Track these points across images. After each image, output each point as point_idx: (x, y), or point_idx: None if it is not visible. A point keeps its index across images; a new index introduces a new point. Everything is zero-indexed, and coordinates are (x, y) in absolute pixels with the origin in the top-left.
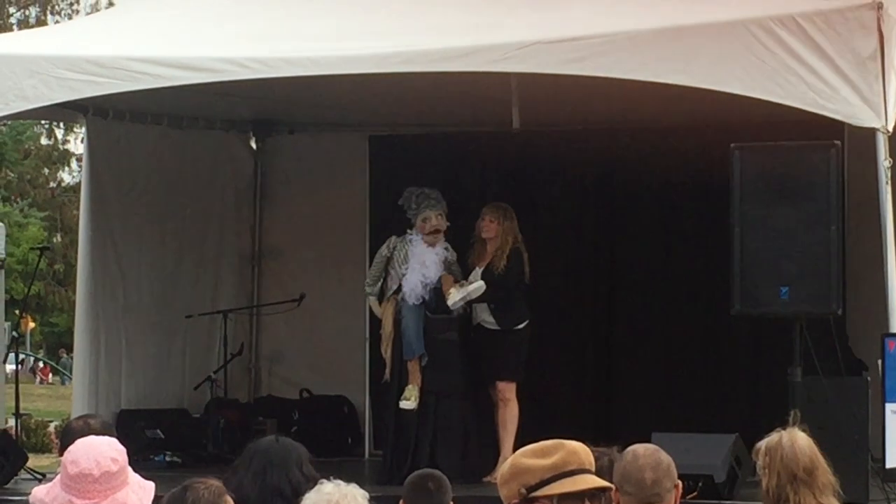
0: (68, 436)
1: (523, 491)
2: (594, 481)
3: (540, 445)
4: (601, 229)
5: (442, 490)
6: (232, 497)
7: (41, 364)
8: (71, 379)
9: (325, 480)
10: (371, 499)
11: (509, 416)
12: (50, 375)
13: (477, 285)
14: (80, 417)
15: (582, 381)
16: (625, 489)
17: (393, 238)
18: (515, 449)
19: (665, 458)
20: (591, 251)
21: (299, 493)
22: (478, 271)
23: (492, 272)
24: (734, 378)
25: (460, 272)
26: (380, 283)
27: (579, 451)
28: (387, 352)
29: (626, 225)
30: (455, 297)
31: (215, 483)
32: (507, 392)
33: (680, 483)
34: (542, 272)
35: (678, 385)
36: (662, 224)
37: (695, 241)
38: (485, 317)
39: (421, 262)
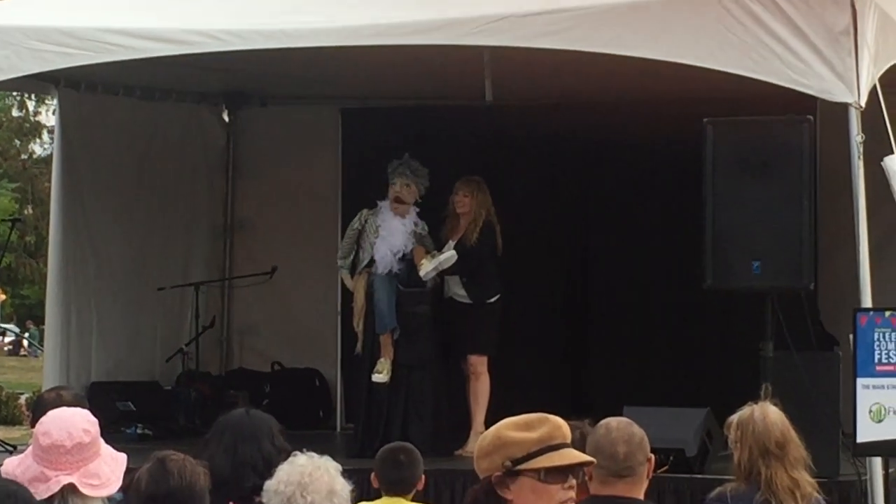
0: (40, 407)
1: (508, 464)
2: (579, 456)
3: (524, 419)
4: (574, 203)
5: (413, 462)
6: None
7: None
8: (41, 350)
9: (297, 453)
10: (343, 472)
11: (481, 390)
12: (26, 343)
13: (449, 255)
14: (52, 389)
15: (554, 356)
16: (597, 462)
17: (364, 211)
18: (487, 423)
19: (638, 431)
20: (564, 225)
21: (272, 465)
22: (451, 244)
23: (464, 245)
24: (706, 352)
25: (432, 244)
26: (352, 257)
27: (562, 425)
28: (359, 325)
29: (598, 199)
30: (427, 267)
31: (182, 455)
32: (479, 366)
33: (653, 457)
34: (514, 246)
35: (650, 359)
36: (635, 198)
37: (667, 216)
38: (456, 290)
39: (388, 231)
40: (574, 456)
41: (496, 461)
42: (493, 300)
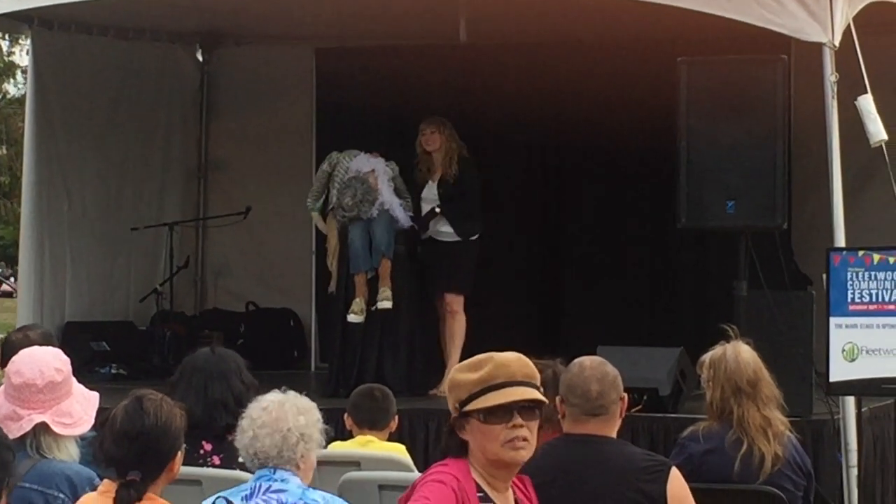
0: (8, 348)
1: (457, 406)
2: (521, 393)
3: (473, 360)
4: (548, 143)
5: (387, 399)
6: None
7: None
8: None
9: (276, 391)
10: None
11: (457, 329)
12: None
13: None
14: (19, 329)
15: (528, 295)
16: (570, 400)
17: (334, 154)
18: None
19: (611, 370)
20: (539, 165)
21: (242, 401)
22: (432, 185)
23: (447, 184)
24: (680, 292)
25: (404, 186)
26: (322, 199)
27: (510, 363)
28: (332, 264)
29: (572, 138)
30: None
31: (160, 394)
32: (455, 304)
33: (626, 396)
34: (488, 186)
35: (624, 299)
36: (609, 138)
37: (642, 155)
38: (439, 228)
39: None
40: (515, 394)
41: (452, 403)
42: (474, 238)
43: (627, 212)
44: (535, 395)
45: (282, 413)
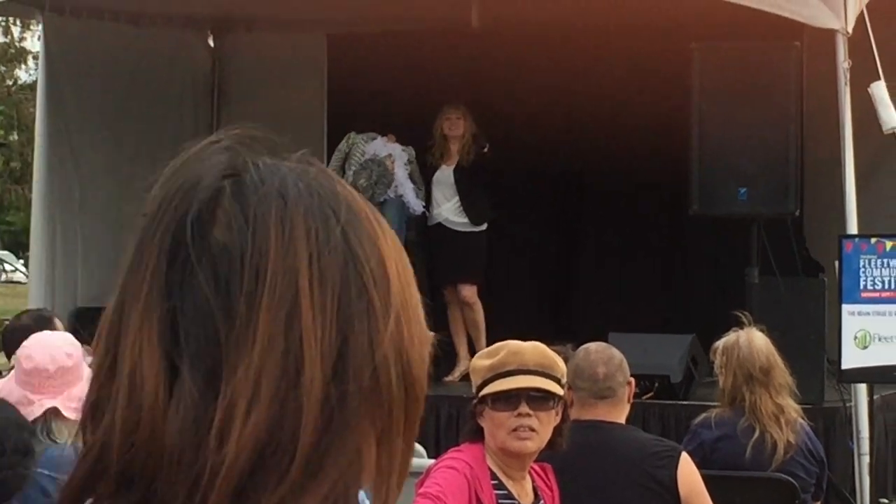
0: (7, 334)
1: (473, 392)
2: (530, 382)
3: (492, 347)
4: (562, 129)
5: None
6: None
7: None
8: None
9: None
10: None
11: (478, 318)
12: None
13: None
14: (16, 315)
15: (541, 282)
16: (577, 385)
17: (352, 134)
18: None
19: (617, 353)
20: (552, 151)
21: None
22: (446, 169)
23: (462, 170)
24: (692, 278)
25: (419, 172)
26: None
27: (524, 351)
28: None
29: (586, 123)
30: None
31: None
32: (472, 295)
33: (633, 380)
34: (502, 172)
35: (636, 285)
36: (623, 123)
37: (655, 141)
38: (449, 216)
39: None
40: (521, 381)
41: (473, 388)
42: (484, 227)
43: (640, 197)
44: (547, 384)
45: None
